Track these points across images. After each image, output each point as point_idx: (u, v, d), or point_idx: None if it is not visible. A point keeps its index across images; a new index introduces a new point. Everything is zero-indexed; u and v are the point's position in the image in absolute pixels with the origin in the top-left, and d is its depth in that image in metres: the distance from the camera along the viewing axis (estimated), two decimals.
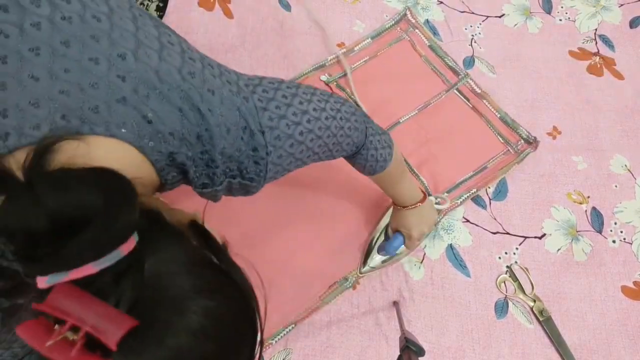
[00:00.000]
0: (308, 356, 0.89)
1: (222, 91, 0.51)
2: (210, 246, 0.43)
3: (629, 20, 1.26)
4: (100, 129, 0.42)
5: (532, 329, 0.93)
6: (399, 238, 0.89)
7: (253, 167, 0.53)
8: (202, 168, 0.51)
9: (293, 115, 0.56)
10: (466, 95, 1.13)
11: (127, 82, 0.44)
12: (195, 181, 0.52)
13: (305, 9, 1.19)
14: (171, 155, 0.48)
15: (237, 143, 0.51)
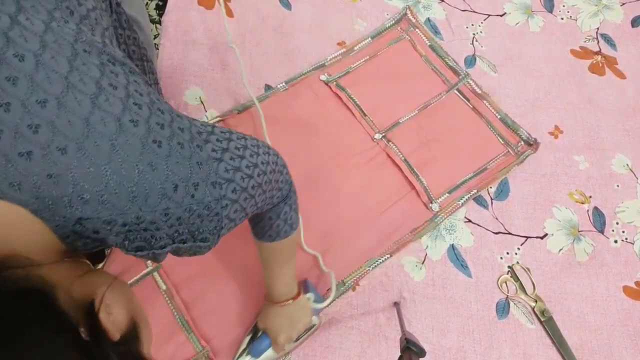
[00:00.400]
0: (308, 356, 0.88)
1: (170, 142, 0.44)
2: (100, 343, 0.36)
3: (630, 19, 1.26)
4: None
5: (533, 329, 0.93)
6: (266, 341, 0.82)
7: (207, 225, 0.47)
8: (136, 232, 0.43)
9: (246, 168, 0.51)
10: (466, 96, 1.12)
11: (40, 133, 0.38)
12: (125, 245, 0.44)
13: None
14: (79, 221, 0.40)
15: (187, 202, 0.44)
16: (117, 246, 0.44)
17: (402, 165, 1.02)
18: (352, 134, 1.06)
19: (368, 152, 1.04)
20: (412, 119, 1.08)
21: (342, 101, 1.09)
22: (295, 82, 1.10)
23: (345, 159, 1.03)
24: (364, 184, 1.01)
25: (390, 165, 1.04)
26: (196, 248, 0.49)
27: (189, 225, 0.45)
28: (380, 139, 1.05)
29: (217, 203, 0.47)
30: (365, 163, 1.03)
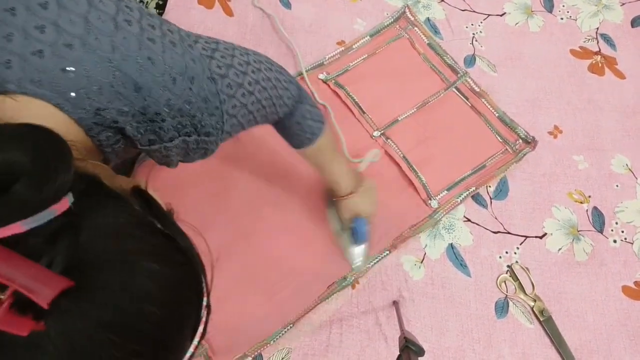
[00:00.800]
0: (307, 355, 0.88)
1: (163, 40, 0.48)
2: (154, 211, 0.40)
3: (630, 19, 1.26)
4: (12, 86, 0.40)
5: (532, 328, 0.93)
6: (362, 220, 0.89)
7: (208, 119, 0.51)
8: (145, 124, 0.48)
9: (239, 65, 0.55)
10: (465, 94, 1.12)
11: (47, 32, 0.41)
12: (139, 138, 0.49)
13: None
14: (98, 112, 0.45)
15: (186, 94, 0.48)
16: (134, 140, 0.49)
17: (401, 163, 1.02)
18: (351, 131, 1.06)
19: (367, 149, 1.04)
20: (410, 116, 1.08)
21: (341, 99, 1.09)
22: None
23: (344, 157, 1.03)
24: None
25: (389, 163, 1.04)
26: (203, 144, 0.53)
27: (190, 117, 0.49)
28: (379, 136, 1.06)
29: (214, 97, 0.51)
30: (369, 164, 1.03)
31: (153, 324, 0.34)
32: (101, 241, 0.34)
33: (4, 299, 0.29)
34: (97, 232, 0.34)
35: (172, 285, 0.37)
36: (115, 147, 0.50)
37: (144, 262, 0.35)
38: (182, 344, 0.39)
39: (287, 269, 0.93)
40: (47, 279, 0.30)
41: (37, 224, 0.30)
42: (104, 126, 0.46)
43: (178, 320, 0.37)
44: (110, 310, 0.32)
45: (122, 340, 0.33)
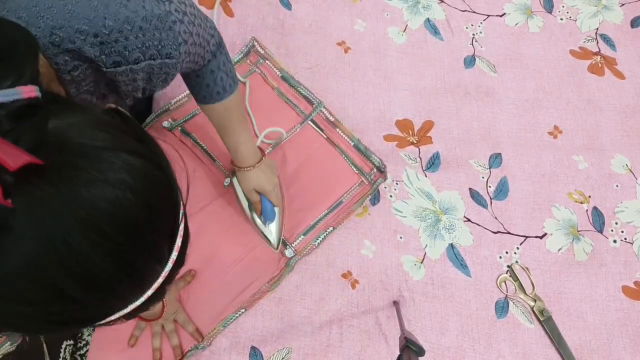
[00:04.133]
0: (307, 355, 0.88)
1: None
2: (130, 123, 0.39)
3: (630, 19, 1.26)
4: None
5: (532, 328, 0.93)
6: (265, 201, 0.89)
7: (166, 39, 0.52)
8: (109, 45, 0.48)
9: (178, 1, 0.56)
10: (320, 126, 1.06)
11: None
12: (103, 60, 0.49)
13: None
14: (53, 30, 0.45)
15: (142, 11, 0.50)
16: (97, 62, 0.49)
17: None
18: (203, 183, 0.98)
19: (218, 201, 0.97)
20: (268, 156, 0.99)
21: (189, 148, 1.00)
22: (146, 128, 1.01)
23: (195, 212, 0.95)
24: (216, 240, 0.94)
25: (241, 213, 0.96)
26: (165, 68, 0.54)
27: (151, 37, 0.51)
28: (230, 184, 0.96)
29: (166, 16, 0.52)
30: (219, 213, 0.96)
31: (124, 209, 0.33)
32: (74, 129, 0.33)
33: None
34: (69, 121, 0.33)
35: (147, 180, 0.35)
36: (74, 74, 0.50)
37: (119, 153, 0.34)
38: (159, 245, 0.37)
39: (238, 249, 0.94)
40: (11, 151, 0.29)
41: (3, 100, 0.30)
42: (60, 48, 0.46)
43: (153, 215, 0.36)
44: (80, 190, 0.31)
45: (90, 219, 0.31)
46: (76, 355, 0.89)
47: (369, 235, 0.98)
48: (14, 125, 0.30)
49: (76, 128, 0.33)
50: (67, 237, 0.31)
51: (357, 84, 1.13)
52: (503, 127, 1.11)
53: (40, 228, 0.30)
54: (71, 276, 0.32)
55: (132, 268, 0.35)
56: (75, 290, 0.33)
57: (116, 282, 0.35)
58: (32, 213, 0.30)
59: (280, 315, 0.91)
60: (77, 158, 0.32)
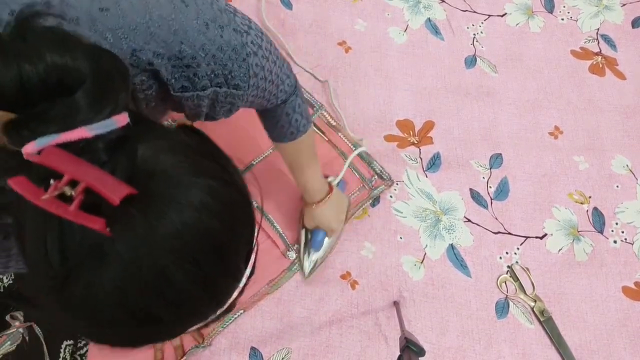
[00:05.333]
0: (307, 356, 0.88)
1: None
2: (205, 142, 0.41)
3: (631, 20, 1.26)
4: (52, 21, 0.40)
5: (532, 329, 0.93)
6: (320, 232, 0.91)
7: (237, 71, 0.52)
8: (181, 69, 0.49)
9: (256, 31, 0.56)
10: (321, 129, 1.05)
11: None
12: (173, 84, 0.49)
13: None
14: (134, 53, 0.45)
15: (218, 41, 0.49)
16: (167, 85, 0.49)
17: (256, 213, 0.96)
18: None
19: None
20: (265, 159, 1.01)
21: None
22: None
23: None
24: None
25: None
26: (231, 98, 0.54)
27: (222, 66, 0.51)
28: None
29: (242, 48, 0.52)
30: None
31: (212, 236, 0.35)
32: (159, 156, 0.35)
33: (75, 195, 0.30)
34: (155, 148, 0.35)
35: (229, 203, 0.37)
36: (147, 92, 0.50)
37: (202, 178, 0.36)
38: (238, 265, 0.39)
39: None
40: (111, 183, 0.31)
41: (100, 131, 0.31)
42: (139, 69, 0.47)
43: (235, 237, 0.38)
44: (172, 219, 0.33)
45: (183, 249, 0.33)
46: (76, 355, 0.89)
47: (368, 236, 0.98)
48: (110, 156, 0.32)
49: (160, 154, 0.35)
50: (160, 265, 0.32)
51: (358, 84, 1.13)
52: (504, 127, 1.11)
53: (135, 257, 0.31)
54: (163, 302, 0.34)
55: (217, 290, 0.38)
56: (165, 314, 0.34)
57: (201, 304, 0.37)
58: (128, 242, 0.31)
59: (280, 316, 0.91)
60: (164, 186, 0.33)
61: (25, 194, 0.30)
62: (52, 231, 0.31)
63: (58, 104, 0.31)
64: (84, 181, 0.30)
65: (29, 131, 0.31)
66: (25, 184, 0.30)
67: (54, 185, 0.30)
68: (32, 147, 0.30)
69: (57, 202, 0.30)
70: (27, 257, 0.33)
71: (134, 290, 0.32)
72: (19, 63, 0.31)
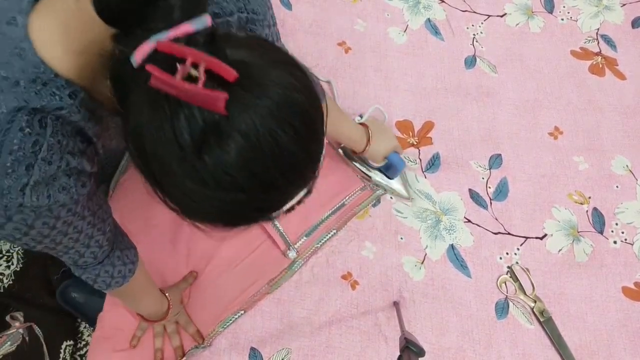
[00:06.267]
0: (307, 356, 0.88)
1: None
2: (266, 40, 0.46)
3: (631, 20, 1.26)
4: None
5: (532, 329, 0.93)
6: (395, 156, 0.95)
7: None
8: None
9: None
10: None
11: None
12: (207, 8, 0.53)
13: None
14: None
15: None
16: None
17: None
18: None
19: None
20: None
21: None
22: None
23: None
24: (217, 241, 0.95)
25: None
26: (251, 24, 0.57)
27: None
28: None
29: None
30: None
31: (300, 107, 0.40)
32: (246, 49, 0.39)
33: (200, 75, 0.35)
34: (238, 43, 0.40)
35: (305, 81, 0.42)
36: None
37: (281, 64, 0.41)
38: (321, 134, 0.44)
39: (239, 251, 0.94)
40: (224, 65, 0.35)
41: (199, 27, 0.37)
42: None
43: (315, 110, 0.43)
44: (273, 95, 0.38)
45: (285, 119, 0.38)
46: (76, 356, 0.89)
47: (369, 236, 0.98)
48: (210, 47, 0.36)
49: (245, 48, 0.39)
50: (270, 132, 0.37)
51: (358, 84, 1.13)
52: (503, 127, 1.11)
53: (249, 129, 0.37)
54: (276, 164, 0.39)
55: (312, 153, 0.43)
56: (279, 177, 0.40)
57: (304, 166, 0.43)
58: (242, 116, 0.36)
59: (280, 316, 0.91)
60: (257, 70, 0.38)
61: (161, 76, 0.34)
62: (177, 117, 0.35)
63: (160, 5, 0.37)
64: (204, 62, 0.35)
65: (142, 31, 0.36)
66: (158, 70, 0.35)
67: (182, 68, 0.35)
68: (145, 48, 0.36)
69: (186, 83, 0.34)
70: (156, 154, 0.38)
71: (254, 156, 0.37)
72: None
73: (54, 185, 0.45)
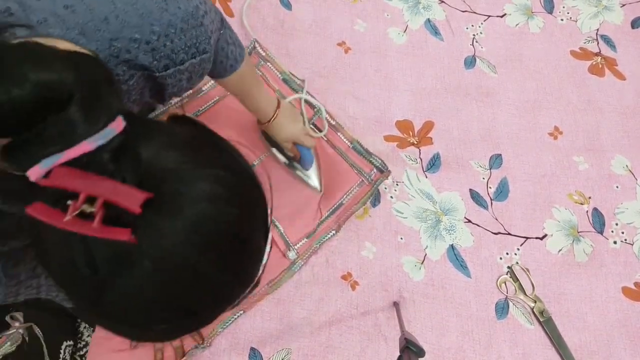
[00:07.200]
0: (307, 356, 0.88)
1: None
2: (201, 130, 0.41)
3: (630, 20, 1.26)
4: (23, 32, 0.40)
5: (532, 329, 0.93)
6: (303, 150, 0.93)
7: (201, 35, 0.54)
8: (158, 49, 0.50)
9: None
10: (321, 129, 1.06)
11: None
12: (155, 65, 0.50)
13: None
14: (111, 42, 0.46)
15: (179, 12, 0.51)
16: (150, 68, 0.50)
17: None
18: None
19: None
20: (266, 160, 1.01)
21: None
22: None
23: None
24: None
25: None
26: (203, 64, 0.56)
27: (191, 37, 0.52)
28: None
29: (196, 11, 0.53)
30: None
31: (229, 222, 0.36)
32: (162, 154, 0.35)
33: (96, 211, 0.30)
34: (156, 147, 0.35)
35: (237, 187, 0.38)
36: (129, 83, 0.51)
37: (207, 169, 0.36)
38: (259, 245, 0.40)
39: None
40: (127, 191, 0.31)
41: (102, 142, 0.31)
42: (119, 59, 0.47)
43: (251, 219, 0.39)
44: (190, 215, 0.33)
45: (205, 241, 0.34)
46: (76, 356, 0.89)
47: (369, 237, 0.98)
48: (115, 164, 0.32)
49: (162, 153, 0.35)
50: (188, 261, 0.33)
51: (358, 84, 1.13)
52: (503, 127, 1.11)
53: (163, 257, 0.32)
54: (196, 295, 0.35)
55: (244, 273, 0.39)
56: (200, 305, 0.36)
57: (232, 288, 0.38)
58: (154, 245, 0.32)
59: (280, 316, 0.91)
60: (174, 184, 0.34)
61: (46, 219, 0.30)
62: (78, 249, 0.31)
63: (53, 123, 0.31)
64: (101, 196, 0.30)
65: (31, 154, 0.31)
66: (43, 209, 0.30)
67: (72, 206, 0.30)
68: (37, 170, 0.30)
69: (80, 221, 0.30)
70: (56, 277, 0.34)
71: (167, 289, 0.33)
72: (5, 87, 0.31)
73: None
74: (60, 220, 0.30)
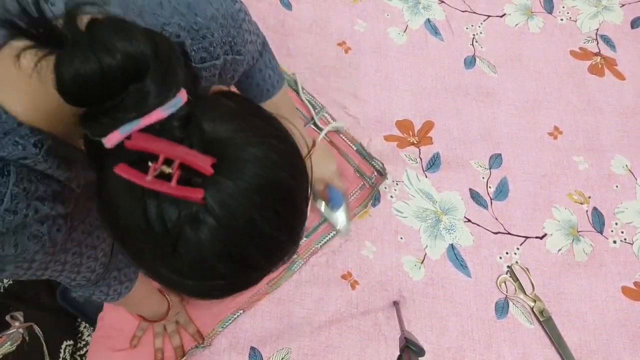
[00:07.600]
0: (307, 356, 0.88)
1: None
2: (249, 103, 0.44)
3: (630, 20, 1.26)
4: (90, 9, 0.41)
5: (532, 329, 0.93)
6: (332, 189, 0.91)
7: (237, 37, 0.55)
8: (197, 40, 0.51)
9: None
10: (323, 129, 1.06)
11: None
12: (193, 55, 0.52)
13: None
14: (164, 27, 0.48)
15: (222, 10, 0.53)
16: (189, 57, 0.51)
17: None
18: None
19: None
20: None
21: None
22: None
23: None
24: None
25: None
26: (234, 64, 0.57)
27: (227, 34, 0.54)
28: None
29: (237, 15, 0.55)
30: None
31: (282, 185, 0.39)
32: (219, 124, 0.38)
33: (174, 172, 0.33)
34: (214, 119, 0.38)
35: (286, 154, 0.41)
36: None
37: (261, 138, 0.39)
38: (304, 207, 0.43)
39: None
40: (199, 156, 0.34)
41: (173, 110, 0.34)
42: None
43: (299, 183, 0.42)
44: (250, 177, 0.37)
45: (264, 201, 0.37)
46: (76, 356, 0.89)
47: (369, 236, 0.98)
48: (184, 132, 0.35)
49: (219, 123, 0.37)
50: (249, 218, 0.36)
51: (358, 84, 1.13)
52: (503, 127, 1.11)
53: (228, 216, 0.35)
54: (257, 250, 0.39)
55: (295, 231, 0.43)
56: (260, 259, 0.40)
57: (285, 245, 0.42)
58: (220, 205, 0.35)
59: (280, 316, 0.91)
60: (233, 150, 0.37)
61: (132, 177, 0.33)
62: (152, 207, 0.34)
63: (134, 92, 0.34)
64: (178, 158, 0.33)
65: (113, 120, 0.34)
66: (128, 169, 0.33)
67: (153, 167, 0.33)
68: (117, 136, 0.34)
69: (159, 181, 0.33)
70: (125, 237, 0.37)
71: (230, 244, 0.36)
72: (98, 56, 0.33)
73: (22, 234, 0.43)
74: (143, 179, 0.33)
